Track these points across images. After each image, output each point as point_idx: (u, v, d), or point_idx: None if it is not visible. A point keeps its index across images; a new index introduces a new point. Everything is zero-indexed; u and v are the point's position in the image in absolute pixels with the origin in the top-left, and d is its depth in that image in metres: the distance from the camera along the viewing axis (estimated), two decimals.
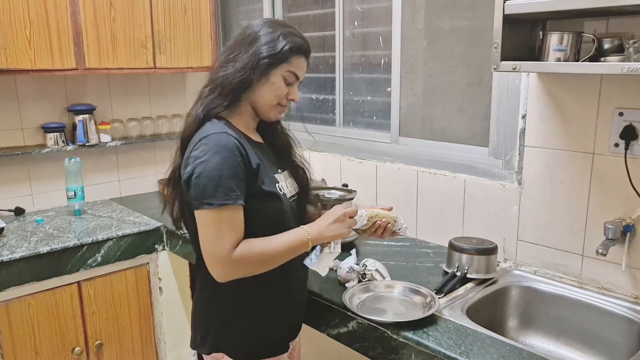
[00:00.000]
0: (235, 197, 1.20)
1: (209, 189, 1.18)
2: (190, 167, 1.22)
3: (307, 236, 1.29)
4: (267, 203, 1.30)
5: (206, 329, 1.38)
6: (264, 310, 1.37)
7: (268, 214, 1.30)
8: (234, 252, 1.20)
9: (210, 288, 1.37)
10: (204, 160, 1.20)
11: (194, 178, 1.21)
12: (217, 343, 1.37)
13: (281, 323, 1.41)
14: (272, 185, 1.33)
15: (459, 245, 1.68)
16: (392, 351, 1.37)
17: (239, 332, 1.35)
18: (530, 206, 1.72)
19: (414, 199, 2.07)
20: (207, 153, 1.20)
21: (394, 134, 2.21)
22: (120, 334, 2.25)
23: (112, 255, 2.18)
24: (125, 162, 2.81)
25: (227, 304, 1.35)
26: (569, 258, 1.65)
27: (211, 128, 1.26)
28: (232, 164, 1.21)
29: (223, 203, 1.19)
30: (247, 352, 1.36)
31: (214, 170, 1.19)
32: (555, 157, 1.64)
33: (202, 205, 1.19)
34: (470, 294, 1.58)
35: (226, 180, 1.19)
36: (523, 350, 1.24)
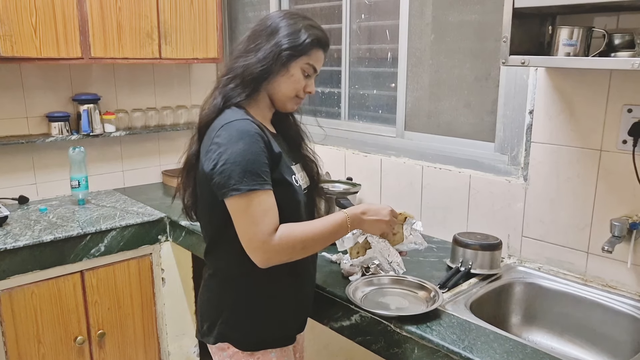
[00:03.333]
0: (263, 182, 1.20)
1: (235, 175, 1.17)
2: (214, 154, 1.21)
3: (347, 222, 1.30)
4: (286, 192, 1.29)
5: (214, 319, 1.37)
6: (274, 302, 1.36)
7: (286, 203, 1.28)
8: (274, 237, 1.19)
9: (220, 277, 1.37)
10: (227, 148, 1.19)
11: (219, 167, 1.19)
12: (224, 333, 1.36)
13: (291, 316, 1.40)
14: (290, 175, 1.33)
15: (463, 240, 1.67)
16: (394, 345, 1.37)
17: (247, 323, 1.35)
18: (536, 202, 1.71)
19: (418, 194, 2.06)
20: (230, 140, 1.20)
21: (400, 128, 2.20)
22: (122, 324, 2.26)
23: (115, 245, 2.18)
24: (129, 153, 2.80)
25: (237, 295, 1.34)
26: (574, 255, 1.64)
27: (232, 115, 1.25)
28: (256, 150, 1.20)
29: (251, 188, 1.18)
30: (253, 343, 1.35)
31: (239, 156, 1.18)
32: (562, 153, 1.63)
33: (230, 193, 1.18)
34: (474, 290, 1.57)
35: (252, 165, 1.19)
36: (527, 346, 1.24)
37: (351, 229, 1.31)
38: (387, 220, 1.35)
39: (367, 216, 1.33)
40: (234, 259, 1.28)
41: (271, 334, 1.37)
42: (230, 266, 1.34)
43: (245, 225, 1.20)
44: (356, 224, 1.33)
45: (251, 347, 1.35)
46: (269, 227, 1.19)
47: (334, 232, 1.29)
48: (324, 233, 1.27)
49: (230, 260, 1.32)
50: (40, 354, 2.04)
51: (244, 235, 1.21)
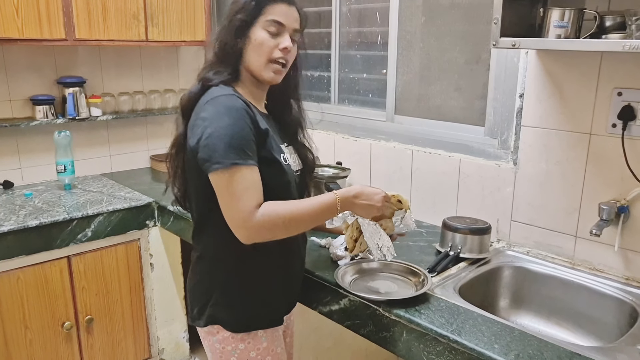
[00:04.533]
0: (246, 158, 1.18)
1: (218, 149, 1.16)
2: (199, 129, 1.20)
3: (337, 204, 1.27)
4: (273, 171, 1.28)
5: (204, 301, 1.36)
6: (263, 282, 1.35)
7: (273, 181, 1.27)
8: (257, 213, 1.18)
9: (208, 259, 1.36)
10: (212, 122, 1.19)
11: (203, 140, 1.19)
12: (214, 315, 1.35)
13: (279, 296, 1.40)
14: (278, 154, 1.31)
15: (453, 224, 1.67)
16: (383, 329, 1.37)
17: (237, 303, 1.34)
18: (525, 186, 1.71)
19: (408, 178, 2.06)
20: (215, 115, 1.19)
21: (390, 112, 2.19)
22: (110, 310, 2.24)
23: (102, 231, 2.16)
24: (116, 137, 2.76)
25: (226, 276, 1.34)
26: (562, 239, 1.65)
27: (219, 91, 1.25)
28: (242, 125, 1.19)
29: (234, 162, 1.16)
30: (243, 324, 1.34)
31: (223, 131, 1.17)
32: (551, 137, 1.62)
33: (212, 166, 1.17)
34: (463, 274, 1.57)
35: (236, 140, 1.17)
36: (514, 329, 1.24)
37: (341, 211, 1.29)
38: (379, 206, 1.33)
39: (358, 200, 1.31)
40: (222, 239, 1.27)
41: (260, 315, 1.36)
42: (217, 247, 1.33)
43: (228, 200, 1.19)
44: (346, 207, 1.31)
45: (241, 328, 1.34)
46: (251, 203, 1.17)
47: (321, 212, 1.27)
48: (311, 213, 1.25)
49: (218, 240, 1.31)
50: (28, 339, 2.02)
51: (226, 210, 1.20)
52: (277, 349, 1.40)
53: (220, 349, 1.36)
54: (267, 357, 1.37)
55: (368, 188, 1.34)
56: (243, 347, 1.35)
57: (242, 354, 1.35)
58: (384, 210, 1.35)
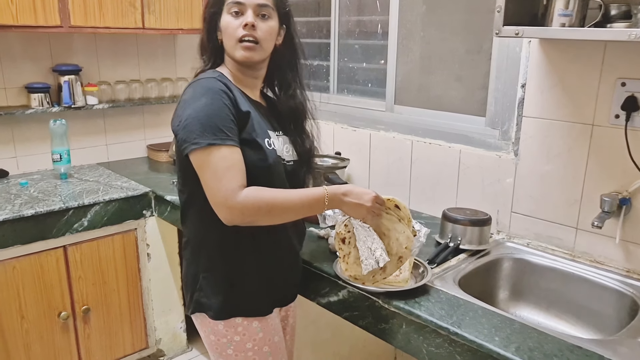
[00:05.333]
0: (224, 138, 1.18)
1: (195, 130, 1.17)
2: (179, 111, 1.23)
3: (325, 198, 1.25)
4: (254, 154, 1.25)
5: (192, 288, 1.36)
6: (245, 270, 1.32)
7: (254, 165, 1.24)
8: (239, 194, 1.16)
9: (193, 244, 1.35)
10: (191, 103, 1.21)
11: (182, 122, 1.20)
12: (199, 301, 1.34)
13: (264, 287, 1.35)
14: (262, 138, 1.28)
15: (453, 215, 1.66)
16: (382, 320, 1.36)
17: (217, 290, 1.32)
18: (526, 178, 1.70)
19: (407, 169, 2.04)
20: (194, 96, 1.22)
21: (389, 102, 2.16)
22: (107, 300, 2.23)
23: (98, 220, 2.14)
24: (112, 126, 2.73)
25: (208, 261, 1.32)
26: (563, 231, 1.63)
27: (201, 75, 1.28)
28: (219, 105, 1.20)
29: (211, 143, 1.16)
30: (227, 311, 1.32)
31: (201, 111, 1.18)
32: (553, 128, 1.60)
33: (190, 147, 1.17)
34: (463, 265, 1.56)
35: (212, 120, 1.18)
36: (515, 321, 1.23)
37: (328, 207, 1.26)
38: (369, 207, 1.27)
39: (347, 198, 1.26)
40: (204, 223, 1.28)
41: (243, 301, 1.33)
42: (200, 231, 1.33)
43: (208, 180, 1.18)
44: (334, 204, 1.27)
45: (224, 314, 1.31)
46: (233, 183, 1.16)
47: (308, 205, 1.24)
48: (296, 203, 1.23)
49: (201, 225, 1.31)
50: (24, 329, 2.01)
51: (207, 190, 1.19)
52: (275, 338, 1.39)
53: (215, 341, 1.35)
54: (264, 346, 1.36)
55: (358, 188, 1.30)
56: (239, 339, 1.34)
57: (238, 346, 1.34)
58: (374, 211, 1.29)
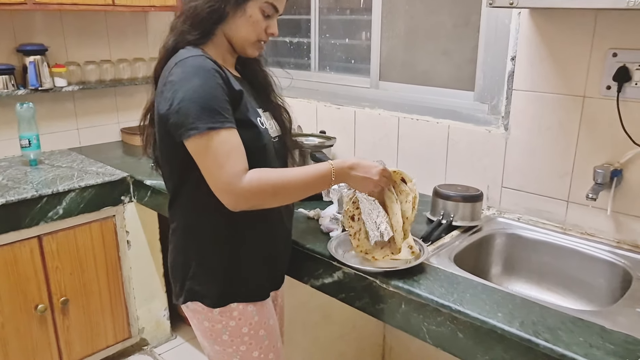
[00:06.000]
0: (223, 120, 1.11)
1: (192, 113, 1.09)
2: (168, 93, 1.13)
3: (332, 173, 1.20)
4: (249, 134, 1.20)
5: (183, 276, 1.30)
6: (241, 255, 1.28)
7: (250, 146, 1.19)
8: (242, 179, 1.11)
9: (183, 229, 1.29)
10: (182, 85, 1.11)
11: (174, 106, 1.11)
12: (193, 289, 1.28)
13: (261, 270, 1.33)
14: (254, 117, 1.24)
15: (444, 192, 1.63)
16: (380, 300, 1.33)
17: (213, 276, 1.27)
18: (516, 152, 1.68)
19: (394, 146, 2.01)
20: (184, 77, 1.12)
21: (374, 79, 2.12)
22: (86, 290, 2.15)
23: (74, 208, 2.04)
24: (84, 109, 2.61)
25: (201, 247, 1.27)
26: (554, 204, 1.63)
27: (186, 53, 1.17)
28: (213, 85, 1.12)
29: (211, 127, 1.09)
30: (220, 298, 1.27)
31: (195, 93, 1.10)
32: (544, 101, 1.59)
33: (187, 133, 1.10)
34: (457, 242, 1.55)
35: (209, 102, 1.10)
36: (516, 297, 1.22)
37: (335, 182, 1.23)
38: (376, 180, 1.24)
39: (354, 171, 1.24)
40: (197, 209, 1.22)
41: (240, 288, 1.29)
42: (193, 217, 1.26)
43: (209, 166, 1.12)
44: (341, 178, 1.24)
45: (219, 302, 1.27)
46: (235, 168, 1.11)
47: (314, 182, 1.20)
48: (302, 181, 1.18)
49: (193, 211, 1.25)
50: None
51: (209, 177, 1.13)
52: (270, 320, 1.35)
53: (210, 327, 1.30)
54: (260, 330, 1.32)
55: (365, 160, 1.27)
56: (234, 324, 1.29)
57: (233, 331, 1.29)
58: (382, 184, 1.27)
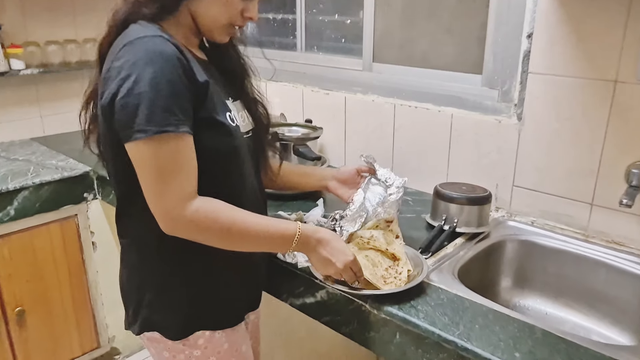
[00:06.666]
0: (178, 123, 0.88)
1: (140, 111, 0.87)
2: (113, 83, 0.89)
3: (295, 238, 1.00)
4: (216, 135, 0.99)
5: (137, 301, 1.09)
6: (211, 276, 1.07)
7: (216, 149, 0.99)
8: (189, 206, 0.90)
9: (137, 248, 1.07)
10: (131, 73, 0.87)
11: (119, 99, 0.88)
12: (148, 318, 1.08)
13: (236, 291, 1.12)
14: (223, 113, 1.01)
15: (447, 193, 1.41)
16: (371, 328, 1.11)
17: (175, 303, 1.07)
18: (531, 146, 1.45)
19: (390, 137, 1.77)
20: (135, 63, 0.88)
21: (367, 60, 1.87)
22: (47, 298, 1.93)
23: (29, 208, 1.81)
24: (47, 95, 2.36)
25: (160, 268, 1.05)
26: (575, 207, 1.40)
27: (139, 31, 0.92)
28: (172, 78, 0.89)
29: (162, 130, 0.87)
30: (184, 328, 1.07)
31: (147, 86, 0.87)
32: (566, 86, 1.35)
33: (133, 135, 0.88)
34: (461, 252, 1.32)
35: (164, 99, 0.87)
36: (534, 328, 1.00)
37: (294, 249, 1.02)
38: (339, 269, 1.04)
39: (321, 248, 1.03)
40: (153, 220, 0.95)
41: (210, 314, 1.09)
42: (147, 232, 1.00)
43: (151, 181, 0.90)
44: (302, 247, 1.03)
45: (185, 331, 1.07)
46: (182, 189, 0.90)
47: (271, 240, 1.00)
48: (258, 234, 0.98)
49: (147, 225, 0.97)
50: None
51: (148, 192, 0.91)
52: (242, 347, 1.15)
53: (171, 357, 1.10)
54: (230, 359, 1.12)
55: (339, 242, 1.06)
56: (199, 353, 1.09)
57: None
58: (342, 277, 1.07)
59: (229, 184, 1.04)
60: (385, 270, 1.18)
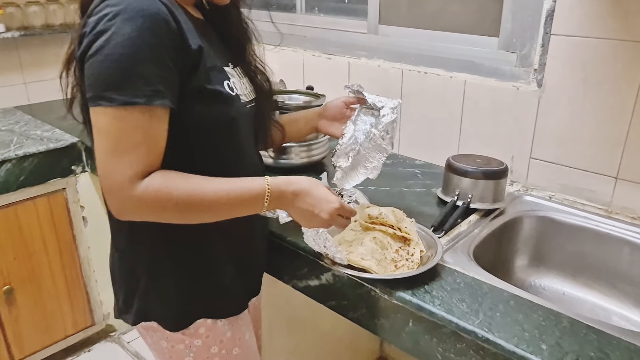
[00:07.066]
0: (153, 94, 0.77)
1: (110, 75, 0.76)
2: (85, 40, 0.78)
3: (265, 197, 0.87)
4: (212, 106, 0.88)
5: (130, 288, 1.00)
6: (209, 261, 0.98)
7: (211, 120, 0.89)
8: (139, 184, 0.78)
9: (127, 230, 0.96)
10: (106, 30, 0.76)
11: (88, 56, 0.77)
12: (144, 308, 0.99)
13: (234, 276, 1.03)
14: (219, 81, 0.90)
15: (461, 166, 1.30)
16: (380, 314, 1.03)
17: (172, 291, 0.97)
18: (552, 115, 1.34)
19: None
20: (113, 20, 0.76)
21: (372, 22, 1.74)
22: (36, 276, 1.84)
23: (12, 181, 1.70)
24: (30, 60, 2.22)
25: (154, 253, 0.96)
26: (598, 181, 1.31)
27: None
28: (152, 40, 0.77)
29: (130, 101, 0.76)
30: (184, 319, 0.99)
31: (120, 46, 0.75)
32: (594, 48, 1.23)
33: (97, 101, 0.77)
34: (475, 230, 1.23)
35: (140, 64, 0.76)
36: (561, 316, 0.91)
37: (268, 208, 0.88)
38: (325, 219, 0.91)
39: (299, 200, 0.90)
40: None
41: (210, 302, 1.00)
42: None
43: (104, 153, 0.78)
44: (278, 204, 0.90)
45: (184, 322, 0.99)
46: (135, 166, 0.78)
47: (238, 203, 0.86)
48: (221, 200, 0.84)
49: None
50: None
51: (99, 166, 0.79)
52: (246, 334, 1.07)
53: (169, 348, 1.02)
54: (234, 348, 1.04)
55: (321, 189, 0.92)
56: (200, 343, 1.01)
57: (199, 352, 1.01)
58: (331, 224, 0.94)
59: (225, 158, 0.94)
60: (395, 252, 1.09)
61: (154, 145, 0.80)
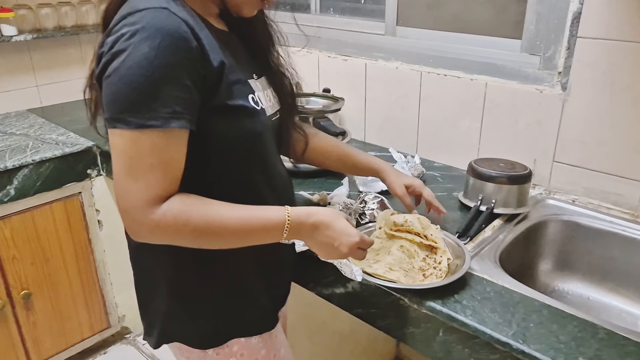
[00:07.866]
0: (170, 116, 0.75)
1: (127, 98, 0.74)
2: (104, 59, 0.77)
3: (285, 228, 0.85)
4: (236, 122, 0.86)
5: (152, 309, 0.99)
6: (236, 277, 0.96)
7: (238, 137, 0.87)
8: (157, 209, 0.76)
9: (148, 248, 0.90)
10: (123, 50, 0.74)
11: (106, 77, 0.76)
12: (167, 331, 0.98)
13: (263, 291, 1.01)
14: (244, 97, 0.88)
15: (485, 171, 1.29)
16: (410, 324, 1.02)
17: (197, 313, 0.96)
18: (577, 118, 1.32)
19: (415, 108, 1.64)
20: (130, 39, 0.74)
21: (390, 23, 1.72)
22: (53, 280, 1.84)
23: (30, 187, 1.70)
24: (42, 62, 2.21)
25: (177, 271, 0.93)
26: (625, 185, 1.29)
27: (144, 2, 0.77)
28: (170, 60, 0.74)
29: (146, 124, 0.74)
30: (213, 338, 0.98)
31: (139, 69, 0.73)
32: (623, 52, 1.21)
33: (114, 123, 0.75)
34: (500, 236, 1.22)
35: (156, 84, 0.74)
36: (597, 327, 0.90)
37: (287, 238, 0.86)
38: (345, 253, 0.89)
39: (318, 233, 0.88)
40: None
41: (240, 321, 0.99)
42: None
43: (122, 175, 0.76)
44: (297, 235, 0.88)
45: (214, 341, 0.97)
46: (151, 192, 0.76)
47: (257, 232, 0.84)
48: (240, 229, 0.82)
49: None
50: None
51: (116, 189, 0.78)
52: (281, 350, 1.06)
53: None
54: None
55: (341, 221, 0.89)
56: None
57: None
58: (358, 256, 0.92)
59: (250, 170, 0.93)
60: (422, 260, 1.08)
61: (171, 168, 0.78)
